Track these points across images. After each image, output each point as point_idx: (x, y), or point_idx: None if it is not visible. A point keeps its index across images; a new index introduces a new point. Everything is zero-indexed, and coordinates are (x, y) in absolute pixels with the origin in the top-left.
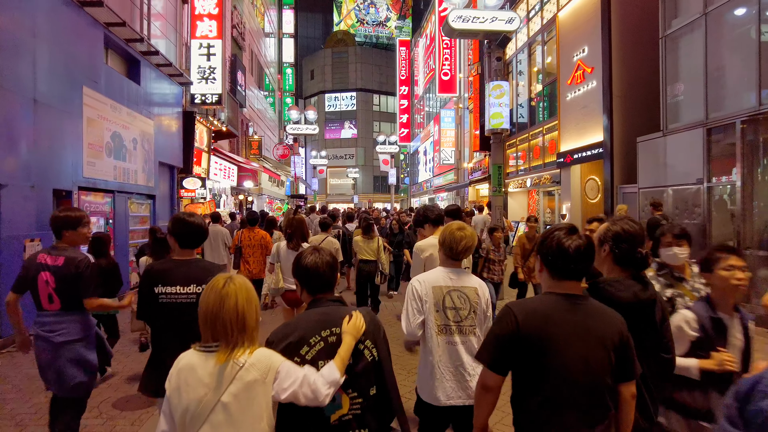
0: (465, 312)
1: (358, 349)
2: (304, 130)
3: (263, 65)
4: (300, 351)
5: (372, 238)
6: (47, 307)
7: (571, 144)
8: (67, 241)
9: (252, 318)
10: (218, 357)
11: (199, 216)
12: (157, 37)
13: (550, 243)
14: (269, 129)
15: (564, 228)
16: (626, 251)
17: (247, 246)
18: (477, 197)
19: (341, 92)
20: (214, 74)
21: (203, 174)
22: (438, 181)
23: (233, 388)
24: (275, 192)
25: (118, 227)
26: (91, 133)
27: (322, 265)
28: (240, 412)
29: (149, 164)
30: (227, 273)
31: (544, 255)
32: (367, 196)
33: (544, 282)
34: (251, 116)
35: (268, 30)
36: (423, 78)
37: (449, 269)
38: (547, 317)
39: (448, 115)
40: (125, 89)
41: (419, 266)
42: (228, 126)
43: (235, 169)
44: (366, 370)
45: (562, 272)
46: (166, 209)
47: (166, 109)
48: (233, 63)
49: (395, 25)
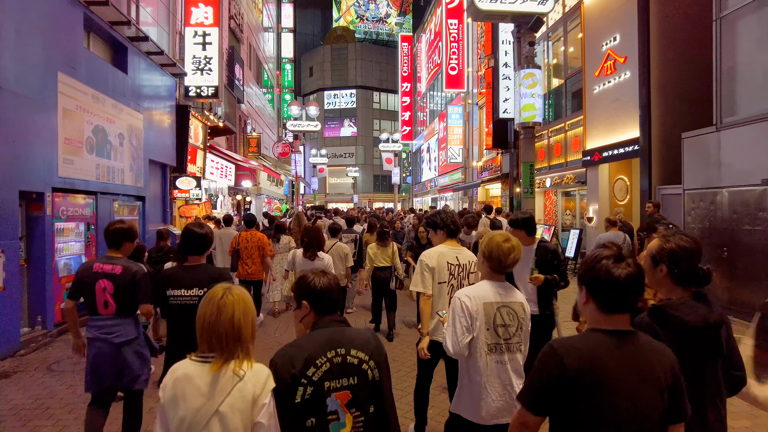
0: (513, 329)
1: (362, 369)
2: (305, 126)
3: (262, 60)
4: (307, 372)
5: (387, 245)
6: (102, 312)
7: (599, 141)
8: (124, 251)
9: (248, 330)
10: (212, 367)
11: (206, 226)
12: (149, 24)
13: (597, 272)
14: (268, 127)
15: (610, 253)
16: (686, 269)
17: (244, 248)
18: (487, 198)
19: (341, 89)
20: (210, 65)
21: (198, 173)
22: (443, 181)
23: (231, 399)
24: (274, 192)
25: (101, 233)
26: (68, 127)
27: (333, 288)
28: (237, 422)
29: (138, 162)
30: (226, 283)
31: (590, 286)
32: (367, 195)
33: (590, 316)
34: (249, 113)
35: (267, 24)
36: (426, 74)
37: (497, 283)
38: (596, 357)
39: (455, 112)
40: (110, 78)
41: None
42: (225, 122)
43: (232, 168)
44: (367, 389)
45: (612, 305)
46: (157, 211)
47: (158, 102)
48: (231, 55)
49: (395, 22)
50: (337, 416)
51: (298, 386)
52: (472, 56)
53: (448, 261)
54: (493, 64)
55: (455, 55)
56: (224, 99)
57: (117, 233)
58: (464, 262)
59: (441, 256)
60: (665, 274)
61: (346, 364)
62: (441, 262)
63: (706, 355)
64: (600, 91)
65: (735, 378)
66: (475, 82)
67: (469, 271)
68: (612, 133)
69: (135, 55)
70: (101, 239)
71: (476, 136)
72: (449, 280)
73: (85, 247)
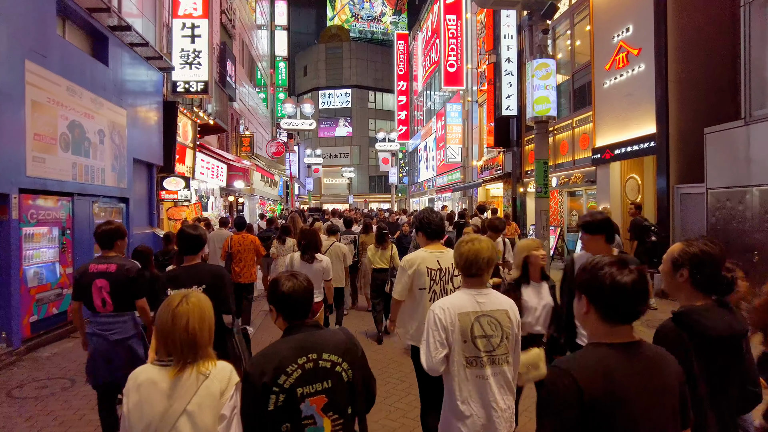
0: (497, 339)
1: (336, 372)
2: (300, 125)
3: (255, 58)
4: (278, 380)
5: (386, 248)
6: (100, 310)
7: (610, 138)
8: (117, 249)
9: (204, 337)
10: (172, 373)
11: (200, 227)
12: (133, 15)
13: (600, 279)
14: (262, 126)
15: (612, 259)
16: (709, 275)
17: (237, 251)
18: (487, 198)
19: (335, 89)
20: (199, 58)
21: (187, 173)
22: (441, 181)
23: (198, 398)
24: (268, 192)
25: (79, 238)
26: (38, 121)
27: (298, 291)
28: (206, 419)
29: (121, 161)
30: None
31: (592, 294)
32: (362, 196)
33: (591, 328)
34: (242, 112)
35: (260, 22)
36: (423, 72)
37: (474, 291)
38: (609, 375)
39: (454, 110)
40: (88, 70)
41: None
42: (216, 119)
43: (224, 168)
44: (344, 391)
45: (618, 315)
46: (143, 214)
47: (143, 98)
48: (222, 51)
49: (390, 20)
50: (314, 420)
51: (270, 394)
52: (472, 53)
53: (428, 266)
54: (494, 60)
55: (453, 52)
56: (215, 96)
57: (106, 234)
58: (446, 266)
59: (421, 261)
60: (686, 279)
61: (319, 369)
62: (420, 268)
63: (730, 365)
64: (611, 86)
65: (751, 394)
66: (474, 79)
67: (453, 275)
68: (624, 130)
69: (117, 47)
70: (80, 244)
71: (476, 134)
72: (430, 286)
73: (60, 253)
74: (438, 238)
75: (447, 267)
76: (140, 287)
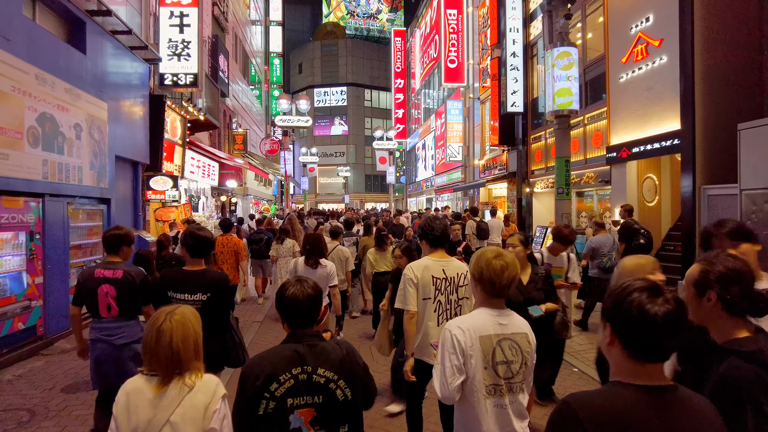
0: (517, 366)
1: (329, 389)
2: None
3: (249, 54)
4: (270, 387)
5: (385, 250)
6: (105, 315)
7: (626, 135)
8: (122, 255)
9: (188, 353)
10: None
11: (207, 230)
12: (116, 2)
13: (627, 308)
14: (256, 124)
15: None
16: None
17: (220, 252)
18: (489, 198)
19: (331, 87)
20: (189, 49)
21: (176, 172)
22: (440, 180)
23: (181, 409)
24: (262, 192)
25: (51, 243)
26: (1, 112)
27: (301, 298)
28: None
29: (101, 159)
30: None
31: (618, 325)
32: (358, 195)
33: (614, 363)
34: (236, 109)
35: (254, 17)
36: (421, 69)
37: (496, 311)
38: (627, 424)
39: (455, 107)
40: (62, 57)
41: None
42: (207, 115)
43: (216, 167)
44: (335, 409)
45: (645, 352)
46: (127, 216)
47: (127, 91)
48: (214, 44)
49: (386, 18)
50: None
51: (261, 399)
52: (473, 48)
53: (432, 275)
54: (498, 55)
55: (454, 48)
56: (206, 90)
57: (114, 239)
58: (452, 275)
59: (425, 269)
60: (714, 302)
61: (312, 383)
62: (425, 276)
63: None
64: (628, 80)
65: None
66: (476, 76)
67: (458, 285)
68: (644, 126)
69: (97, 34)
70: (52, 250)
71: (478, 132)
72: (435, 296)
73: (27, 261)
74: (442, 246)
75: (452, 276)
76: (146, 294)
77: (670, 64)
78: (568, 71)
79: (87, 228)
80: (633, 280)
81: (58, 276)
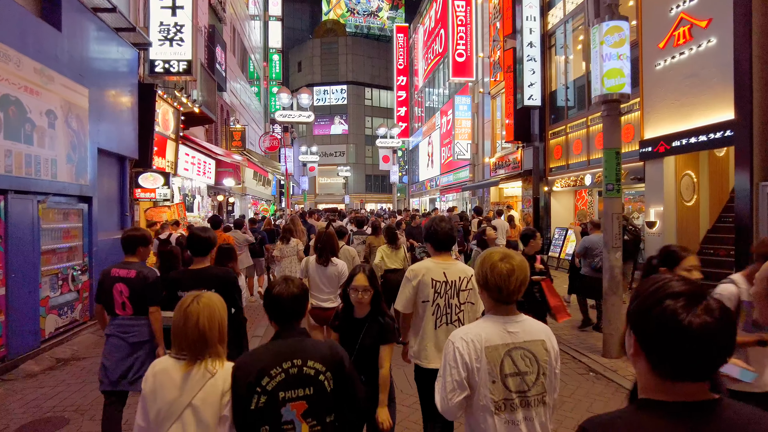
0: (532, 377)
1: (319, 380)
2: (296, 117)
3: (248, 50)
4: (261, 381)
5: (398, 248)
6: (120, 313)
7: (664, 128)
8: (139, 255)
9: (213, 335)
10: (184, 367)
11: (209, 230)
12: None
13: (657, 317)
14: (255, 122)
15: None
16: None
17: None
18: (501, 198)
19: (331, 85)
20: (182, 33)
21: (169, 168)
22: (446, 180)
23: (203, 393)
24: (261, 192)
25: (15, 248)
26: None
27: (285, 296)
28: (208, 414)
29: (81, 151)
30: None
31: (643, 334)
32: (358, 196)
33: (640, 376)
34: (233, 105)
35: (253, 12)
36: (424, 66)
37: (504, 318)
38: None
39: (463, 103)
40: (31, 32)
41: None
42: (202, 107)
43: (212, 164)
44: (325, 400)
45: (679, 371)
46: (113, 216)
47: (113, 78)
48: (211, 35)
49: (387, 16)
50: (293, 426)
51: (253, 394)
52: (483, 41)
53: (432, 277)
54: (513, 46)
55: (462, 41)
56: (202, 81)
57: (131, 240)
58: (453, 279)
59: (426, 271)
60: None
61: (303, 375)
62: (425, 279)
63: None
64: (666, 67)
65: None
66: (486, 70)
67: (460, 289)
68: (686, 118)
69: (75, 11)
70: (18, 254)
71: (488, 129)
72: (434, 299)
73: None
74: (446, 249)
75: (454, 280)
76: (155, 294)
77: (720, 47)
78: (618, 49)
79: (63, 230)
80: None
81: (25, 286)
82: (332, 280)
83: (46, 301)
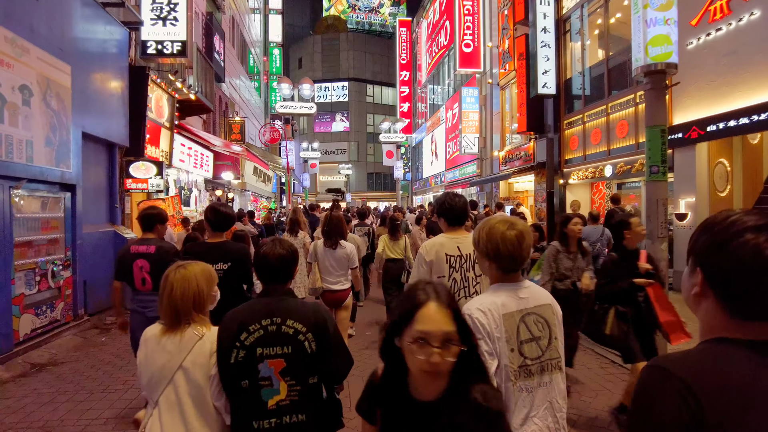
0: (545, 342)
1: (298, 340)
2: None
3: (248, 43)
4: (240, 336)
5: (399, 239)
6: (140, 288)
7: (697, 112)
8: (157, 232)
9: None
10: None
11: (228, 206)
12: None
13: (735, 252)
14: (255, 116)
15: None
16: None
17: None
18: (510, 193)
19: (332, 82)
20: (176, 12)
21: (163, 158)
22: (452, 175)
23: (192, 356)
24: (261, 188)
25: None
26: None
27: (271, 256)
28: (198, 375)
29: (62, 134)
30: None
31: (715, 273)
32: (360, 194)
33: (705, 317)
34: (232, 97)
35: (253, 5)
36: (428, 60)
37: (514, 285)
38: (744, 390)
39: (470, 95)
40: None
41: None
42: (198, 94)
43: (210, 157)
44: (304, 360)
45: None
46: (101, 207)
47: (101, 60)
48: (209, 23)
49: (389, 12)
50: (270, 383)
51: (232, 348)
52: (491, 30)
53: (447, 252)
54: (526, 32)
55: (470, 30)
56: (199, 69)
57: (148, 217)
58: (467, 252)
59: (440, 247)
60: None
61: (281, 333)
62: (440, 254)
63: None
64: (699, 45)
65: None
66: (494, 60)
67: (474, 262)
68: (724, 100)
69: None
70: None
71: (497, 121)
72: (450, 274)
73: None
74: (460, 224)
75: (468, 253)
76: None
77: (763, 20)
78: (666, 12)
79: (42, 220)
80: (739, 213)
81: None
82: (341, 263)
83: (20, 299)
